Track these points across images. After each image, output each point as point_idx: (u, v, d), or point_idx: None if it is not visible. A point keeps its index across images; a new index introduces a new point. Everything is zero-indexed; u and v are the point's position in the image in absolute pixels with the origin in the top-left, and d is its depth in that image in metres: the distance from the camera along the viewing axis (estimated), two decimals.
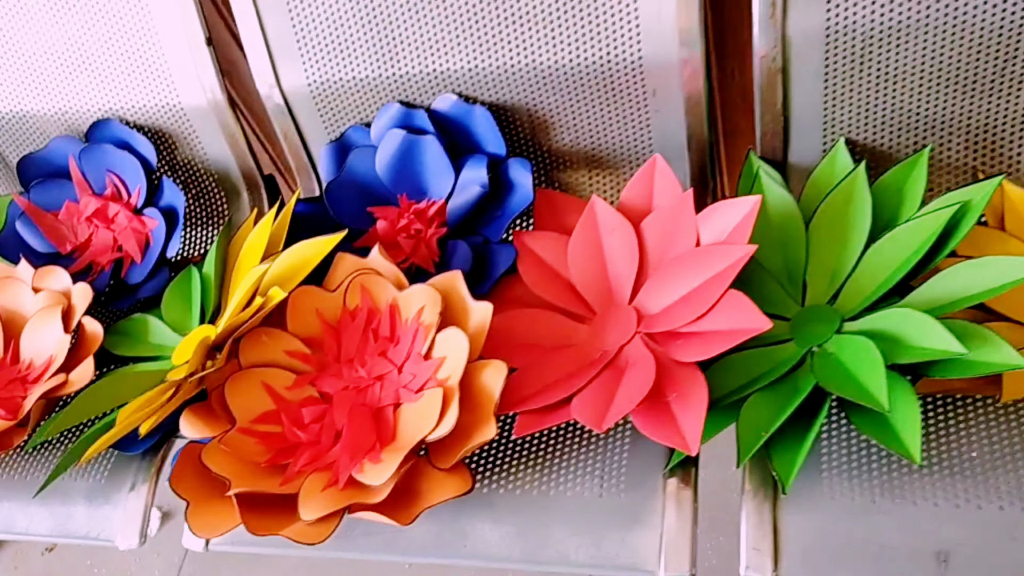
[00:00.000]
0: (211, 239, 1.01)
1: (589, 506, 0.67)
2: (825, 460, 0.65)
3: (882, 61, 0.72)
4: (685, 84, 0.76)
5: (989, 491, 0.60)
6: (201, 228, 1.01)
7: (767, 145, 0.79)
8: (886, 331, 0.65)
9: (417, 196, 0.86)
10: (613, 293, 0.76)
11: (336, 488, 0.67)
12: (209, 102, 0.89)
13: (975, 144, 0.75)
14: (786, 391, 0.66)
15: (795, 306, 0.73)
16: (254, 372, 0.75)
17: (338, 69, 0.84)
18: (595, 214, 0.79)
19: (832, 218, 0.73)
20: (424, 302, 0.74)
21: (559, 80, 0.80)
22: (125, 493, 0.77)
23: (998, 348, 0.59)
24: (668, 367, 0.69)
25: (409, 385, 0.72)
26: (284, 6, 0.82)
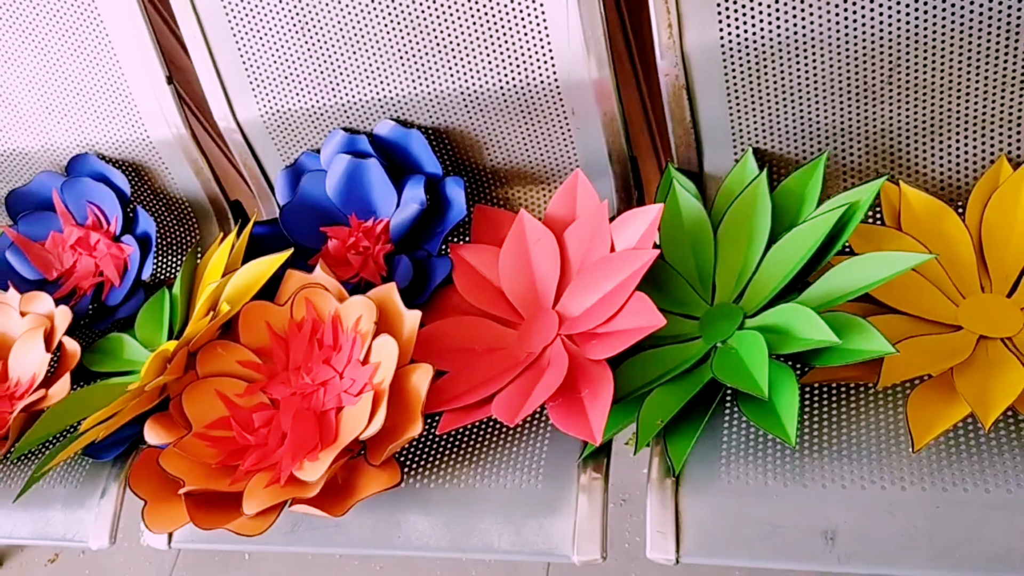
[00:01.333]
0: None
1: (511, 497, 0.72)
2: (725, 448, 0.69)
3: (778, 74, 0.77)
4: (599, 103, 0.82)
5: (872, 472, 0.64)
6: (176, 251, 1.08)
7: (683, 157, 0.84)
8: (777, 325, 0.69)
9: (366, 215, 0.93)
10: (539, 299, 0.81)
11: (278, 485, 0.73)
12: (174, 136, 0.96)
13: (874, 148, 0.79)
14: (688, 384, 0.70)
15: (705, 305, 0.77)
16: (209, 381, 0.81)
17: (287, 100, 0.91)
18: (523, 226, 0.84)
19: (738, 223, 0.78)
20: (361, 312, 0.79)
21: (486, 103, 0.86)
22: (97, 498, 0.83)
23: (872, 337, 0.63)
24: (583, 365, 0.74)
25: (349, 389, 0.78)
26: (233, 45, 0.89)
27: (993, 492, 0.60)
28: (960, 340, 0.68)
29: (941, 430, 0.61)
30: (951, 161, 0.78)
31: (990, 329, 0.68)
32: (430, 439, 0.80)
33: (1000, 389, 0.62)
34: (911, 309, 0.71)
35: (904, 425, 0.66)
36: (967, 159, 0.78)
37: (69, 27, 0.94)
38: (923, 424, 0.62)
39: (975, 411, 0.61)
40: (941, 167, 0.79)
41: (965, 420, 0.64)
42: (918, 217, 0.76)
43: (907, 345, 0.67)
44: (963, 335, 0.69)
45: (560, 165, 0.89)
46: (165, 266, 1.08)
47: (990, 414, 0.60)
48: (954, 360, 0.66)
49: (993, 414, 0.60)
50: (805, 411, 0.69)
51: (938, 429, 0.62)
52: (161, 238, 1.07)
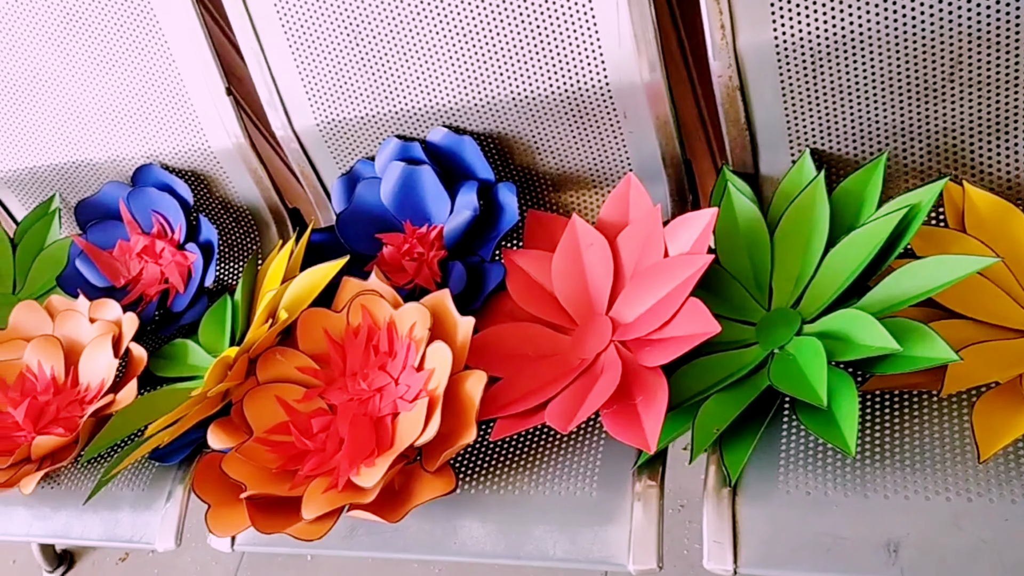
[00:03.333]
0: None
1: (565, 504, 0.72)
2: (783, 457, 0.68)
3: (835, 73, 0.75)
4: (652, 106, 0.81)
5: (936, 482, 0.62)
6: (238, 258, 1.10)
7: (738, 159, 0.83)
8: (837, 331, 0.68)
9: (420, 221, 0.93)
10: (592, 304, 0.81)
11: (336, 490, 0.74)
12: (234, 145, 0.98)
13: (935, 148, 0.77)
14: (744, 391, 0.69)
15: (761, 311, 0.76)
16: (269, 387, 0.83)
17: (342, 109, 0.92)
18: (575, 231, 0.84)
19: (795, 226, 0.77)
20: (416, 319, 0.80)
21: (538, 108, 0.86)
22: (163, 501, 0.86)
23: (934, 343, 0.61)
24: (637, 372, 0.73)
25: (405, 395, 0.79)
26: (289, 55, 0.91)
27: None
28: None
29: (1009, 440, 0.60)
30: (1017, 159, 0.76)
31: None
32: (484, 445, 0.80)
33: None
34: (976, 314, 0.69)
35: (969, 434, 0.64)
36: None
37: (132, 42, 0.97)
38: (990, 433, 0.60)
39: None
40: (1007, 166, 0.76)
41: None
42: (983, 218, 0.74)
43: (972, 351, 0.65)
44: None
45: (613, 169, 0.89)
46: (227, 272, 1.11)
47: None
48: (1022, 367, 0.64)
49: None
50: (866, 419, 0.68)
51: (1006, 439, 0.60)
52: (223, 245, 1.09)
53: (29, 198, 1.16)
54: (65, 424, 0.93)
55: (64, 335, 1.01)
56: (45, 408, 0.95)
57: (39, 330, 1.02)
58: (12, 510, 0.93)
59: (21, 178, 1.14)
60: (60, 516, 0.90)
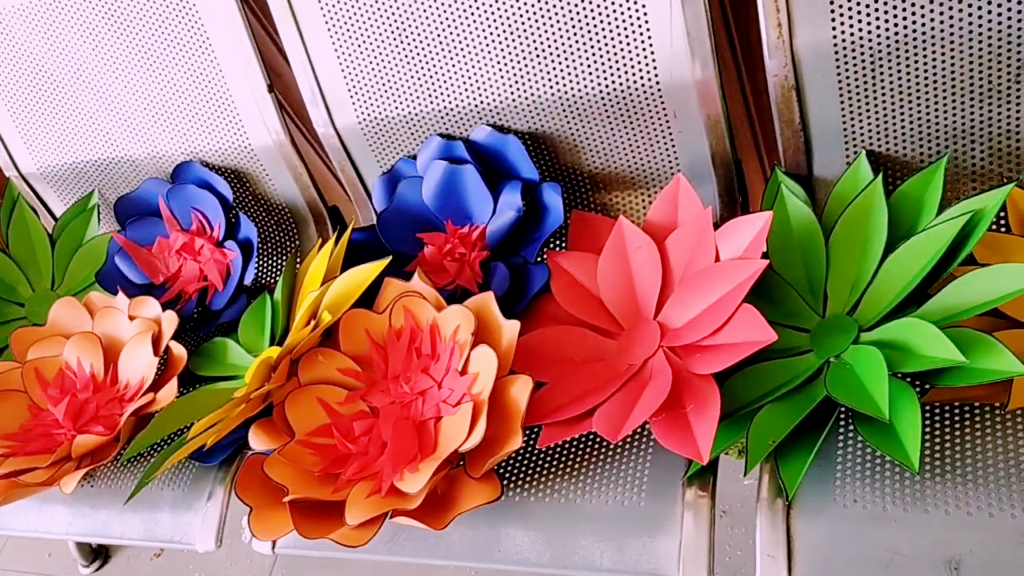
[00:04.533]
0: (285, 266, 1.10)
1: (613, 513, 0.71)
2: (839, 469, 0.66)
3: (895, 73, 0.73)
4: (703, 105, 0.79)
5: (1001, 498, 0.60)
6: (277, 256, 1.09)
7: (791, 160, 0.81)
8: (897, 340, 0.66)
9: (462, 221, 0.92)
10: (640, 309, 0.80)
11: (379, 495, 0.73)
12: (275, 143, 0.98)
13: (999, 151, 0.74)
14: (800, 401, 0.68)
15: (816, 317, 0.74)
16: (311, 389, 0.82)
17: (385, 107, 0.91)
18: (622, 233, 0.82)
19: (851, 230, 0.74)
20: (459, 321, 0.79)
21: (585, 107, 0.84)
22: (204, 501, 0.86)
23: (1001, 356, 0.59)
24: (687, 379, 0.71)
25: (448, 399, 0.78)
26: (332, 53, 0.90)
27: None
28: None
29: None
30: None
31: None
32: (530, 451, 0.79)
33: None
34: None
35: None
36: None
37: (174, 39, 0.96)
38: None
39: None
40: None
41: None
42: None
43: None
44: None
45: (661, 170, 0.87)
46: (266, 270, 1.10)
47: None
48: None
49: None
50: (927, 431, 0.66)
51: None
52: (262, 243, 1.09)
53: (68, 194, 1.16)
54: (105, 422, 0.93)
55: (103, 332, 1.01)
56: (85, 406, 0.95)
57: (78, 327, 1.02)
58: (52, 508, 0.93)
59: (60, 174, 1.14)
60: (100, 515, 0.90)
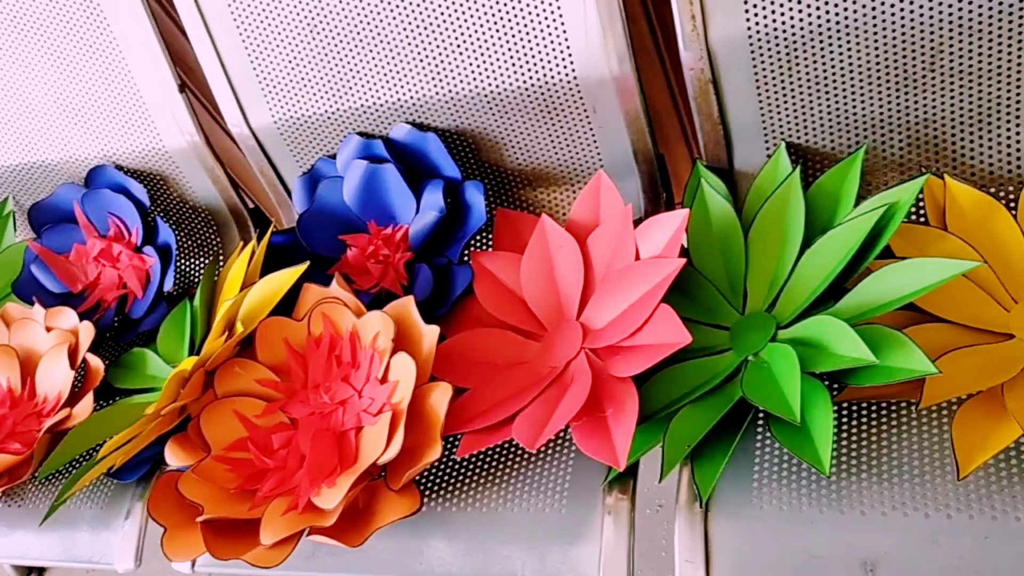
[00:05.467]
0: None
1: (535, 521, 0.69)
2: (758, 469, 0.66)
3: (810, 64, 0.72)
4: (621, 101, 0.78)
5: (915, 497, 0.60)
6: (201, 260, 1.06)
7: (711, 153, 0.80)
8: (812, 338, 0.65)
9: (385, 221, 0.90)
10: (563, 309, 0.78)
11: (296, 512, 0.71)
12: (189, 144, 0.94)
13: (916, 140, 0.74)
14: (717, 402, 0.67)
15: (736, 315, 0.73)
16: (227, 402, 0.79)
17: (300, 105, 0.88)
18: (544, 232, 0.81)
19: (770, 225, 0.73)
20: (379, 328, 0.77)
21: (504, 103, 0.82)
22: (122, 519, 0.83)
23: (911, 354, 0.58)
24: (608, 382, 0.70)
25: (369, 409, 0.76)
26: (243, 50, 0.87)
27: None
28: (1012, 350, 0.63)
29: (990, 454, 0.57)
30: (1002, 152, 0.73)
31: None
32: (452, 460, 0.77)
33: None
34: (957, 317, 0.66)
35: (950, 445, 0.61)
36: (1020, 147, 0.72)
37: (81, 38, 0.92)
38: (970, 447, 0.58)
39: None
40: (991, 158, 0.73)
41: (1017, 441, 0.59)
42: (965, 214, 0.71)
43: (952, 359, 0.63)
44: (1015, 345, 0.64)
45: (584, 165, 0.85)
46: (190, 275, 1.07)
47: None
48: (1004, 375, 0.61)
49: None
50: (842, 430, 0.65)
51: (987, 453, 0.57)
52: (184, 247, 1.06)
53: None
54: (22, 439, 0.90)
55: (20, 345, 0.98)
56: (2, 422, 0.92)
57: None
58: None
59: None
60: (17, 535, 0.87)
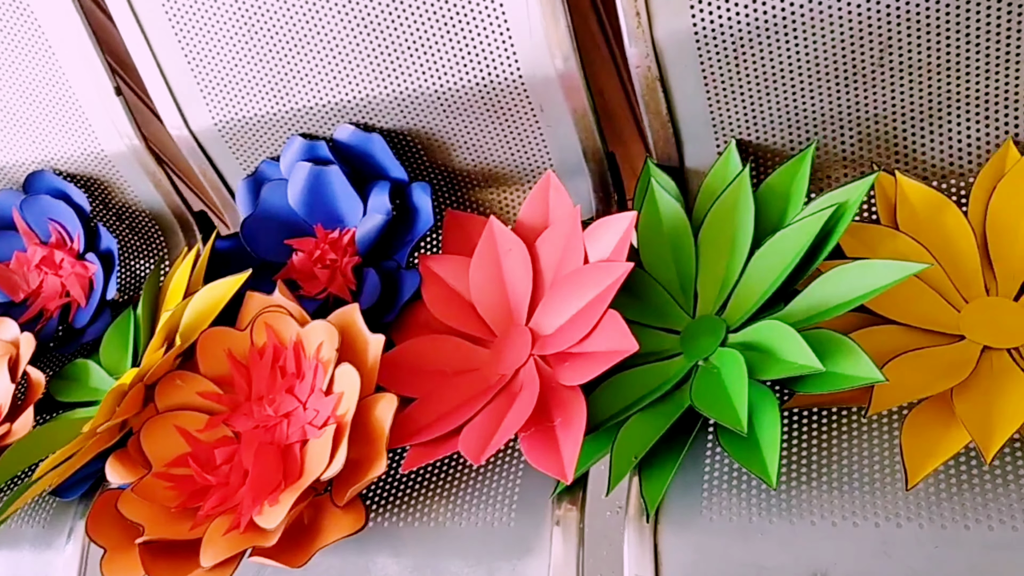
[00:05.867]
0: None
1: (483, 535, 0.68)
2: (707, 479, 0.64)
3: (759, 60, 0.70)
4: (568, 99, 0.76)
5: (865, 507, 0.59)
6: (146, 266, 1.03)
7: (661, 151, 0.78)
8: (760, 343, 0.64)
9: (332, 225, 0.87)
10: (512, 314, 0.76)
11: (237, 532, 0.69)
12: (128, 148, 0.91)
13: (867, 136, 0.72)
14: (666, 410, 0.65)
15: (687, 318, 0.72)
16: (168, 416, 0.77)
17: (240, 107, 0.86)
18: (493, 235, 0.79)
19: (720, 225, 0.72)
20: (323, 338, 0.75)
21: (450, 103, 0.80)
22: (64, 538, 0.81)
23: (858, 361, 0.57)
24: (556, 391, 0.69)
25: (314, 421, 0.74)
26: (179, 51, 0.83)
27: (997, 530, 0.55)
28: (962, 352, 0.62)
29: (938, 463, 0.56)
30: (953, 146, 0.71)
31: (995, 339, 0.62)
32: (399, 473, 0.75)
33: (1004, 413, 0.56)
34: (908, 319, 0.65)
35: (900, 452, 0.60)
36: (971, 143, 0.71)
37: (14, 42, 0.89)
38: (918, 456, 0.57)
39: (976, 441, 0.55)
40: (942, 152, 0.72)
41: (967, 447, 0.58)
42: (916, 211, 0.69)
43: (902, 362, 0.61)
44: (965, 346, 0.63)
45: (534, 165, 0.83)
46: (137, 283, 1.04)
47: (992, 444, 0.55)
48: (954, 378, 0.60)
49: (995, 445, 0.55)
50: (793, 436, 0.64)
51: (935, 462, 0.56)
52: (128, 253, 1.03)
53: None
54: None
55: None
56: None
57: None
58: None
59: None
60: None
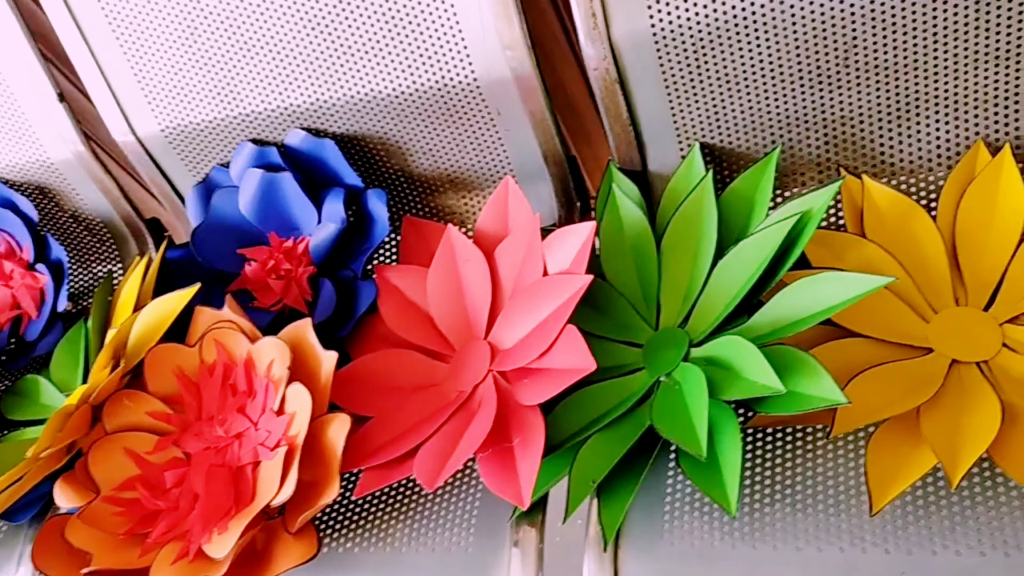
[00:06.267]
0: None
1: (441, 561, 0.66)
2: (669, 501, 0.62)
3: (720, 61, 0.67)
4: (525, 103, 0.73)
5: (829, 531, 0.57)
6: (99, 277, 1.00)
7: (623, 155, 0.75)
8: (723, 359, 0.61)
9: (288, 232, 0.84)
10: (471, 327, 0.74)
11: (186, 560, 0.67)
12: (74, 155, 0.88)
13: (834, 138, 0.70)
14: (627, 429, 0.63)
15: (650, 330, 0.69)
16: (117, 437, 0.74)
17: (187, 113, 0.82)
18: (451, 244, 0.76)
19: (683, 233, 0.69)
20: (274, 355, 0.72)
21: (404, 107, 0.77)
22: (15, 564, 0.78)
23: (820, 382, 0.55)
24: (515, 409, 0.66)
25: (266, 442, 0.71)
26: (122, 57, 0.80)
27: (964, 555, 0.53)
28: (929, 366, 0.60)
29: (904, 486, 0.54)
30: (922, 147, 0.69)
31: (964, 352, 0.60)
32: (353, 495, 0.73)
33: (971, 433, 0.54)
34: (873, 331, 0.62)
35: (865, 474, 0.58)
36: (940, 144, 0.69)
37: None
38: (883, 479, 0.55)
39: (943, 463, 0.53)
40: (911, 154, 0.70)
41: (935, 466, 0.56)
42: (883, 216, 0.67)
43: (867, 378, 0.59)
44: (933, 360, 0.60)
45: (494, 169, 0.80)
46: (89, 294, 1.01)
47: (959, 467, 0.53)
48: (921, 395, 0.58)
49: (962, 468, 0.53)
50: (756, 456, 0.62)
51: (901, 485, 0.54)
52: (81, 263, 1.00)
53: None
54: None
55: None
56: None
57: None
58: None
59: None
60: None
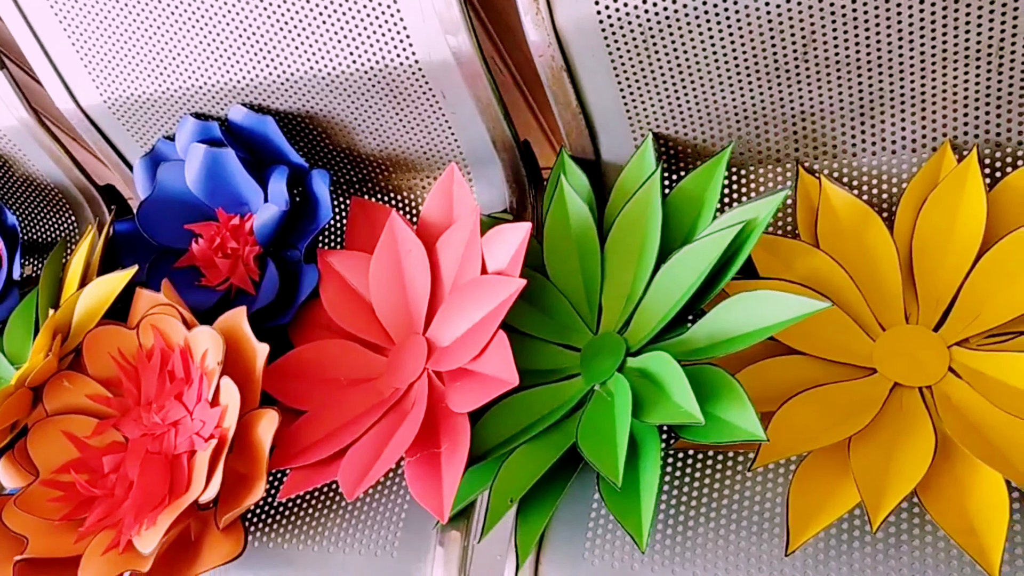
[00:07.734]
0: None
1: (365, 565, 0.65)
2: (594, 517, 0.61)
3: (671, 50, 0.62)
4: (469, 87, 0.69)
5: (749, 562, 0.55)
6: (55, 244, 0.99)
7: (576, 144, 0.71)
8: (653, 375, 0.59)
9: (236, 208, 0.82)
10: (411, 321, 0.71)
11: (116, 551, 0.66)
12: (20, 122, 0.85)
13: (793, 133, 0.65)
14: (554, 441, 0.61)
15: (589, 334, 0.67)
16: (56, 420, 0.74)
17: (129, 85, 0.79)
18: (394, 232, 0.73)
19: (628, 232, 0.66)
20: (208, 345, 0.71)
21: (347, 86, 0.73)
22: None
23: (743, 413, 0.52)
24: (446, 413, 0.64)
25: (201, 432, 0.70)
26: (59, 27, 0.76)
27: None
28: (869, 389, 0.57)
29: (823, 526, 0.52)
30: (886, 147, 0.65)
31: (908, 375, 0.57)
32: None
33: (901, 471, 0.52)
34: (816, 349, 0.59)
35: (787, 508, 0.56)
36: (905, 143, 0.64)
37: None
38: (804, 516, 0.53)
39: (866, 503, 0.51)
40: (874, 153, 0.65)
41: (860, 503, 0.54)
42: (838, 221, 0.63)
43: (804, 400, 0.57)
44: (875, 383, 0.58)
45: (443, 152, 0.77)
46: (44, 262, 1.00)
47: (882, 508, 0.51)
48: (855, 423, 0.55)
49: (885, 509, 0.50)
50: (684, 475, 0.60)
51: (820, 524, 0.52)
52: (37, 231, 0.98)
53: None
54: None
55: None
56: None
57: None
58: None
59: None
60: None
